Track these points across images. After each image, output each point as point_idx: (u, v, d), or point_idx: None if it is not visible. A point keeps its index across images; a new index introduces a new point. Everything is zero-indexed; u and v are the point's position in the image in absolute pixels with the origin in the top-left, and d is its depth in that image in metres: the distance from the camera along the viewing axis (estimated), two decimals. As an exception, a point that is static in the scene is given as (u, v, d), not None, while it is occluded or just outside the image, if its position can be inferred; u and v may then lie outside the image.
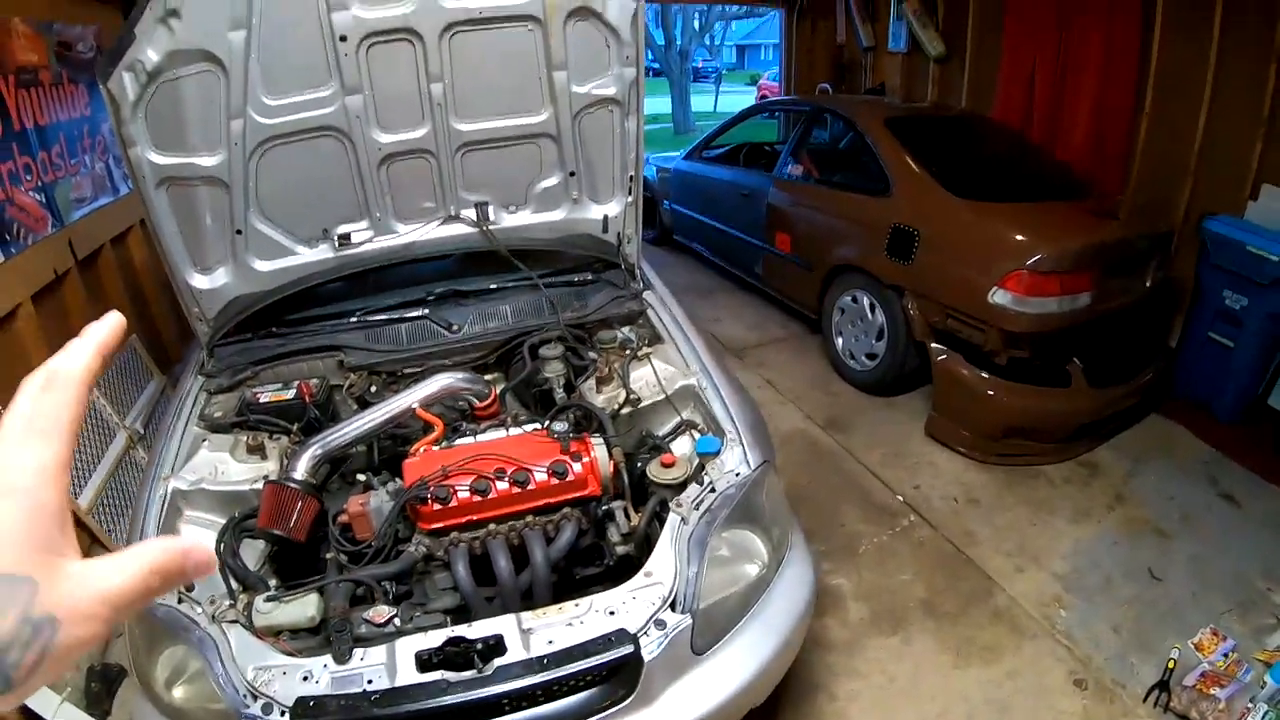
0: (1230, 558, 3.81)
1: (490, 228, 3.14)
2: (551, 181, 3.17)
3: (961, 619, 3.32)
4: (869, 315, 5.03)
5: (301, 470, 2.23)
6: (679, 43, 21.67)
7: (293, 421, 2.53)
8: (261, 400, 2.59)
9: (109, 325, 0.54)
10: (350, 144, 2.77)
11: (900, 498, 4.09)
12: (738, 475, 2.32)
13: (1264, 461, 4.60)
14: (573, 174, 3.16)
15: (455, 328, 2.94)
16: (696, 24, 22.90)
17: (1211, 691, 2.94)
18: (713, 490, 2.26)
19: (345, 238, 2.97)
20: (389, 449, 2.58)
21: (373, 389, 2.76)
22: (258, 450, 2.45)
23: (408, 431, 2.54)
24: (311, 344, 2.86)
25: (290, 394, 2.60)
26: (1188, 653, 3.19)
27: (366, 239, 3.00)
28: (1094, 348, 4.51)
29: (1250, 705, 2.90)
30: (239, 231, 2.79)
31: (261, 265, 2.88)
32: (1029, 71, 6.70)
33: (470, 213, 3.11)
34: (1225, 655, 3.19)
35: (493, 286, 3.19)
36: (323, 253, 2.96)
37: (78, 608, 0.43)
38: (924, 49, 7.80)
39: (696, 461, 2.41)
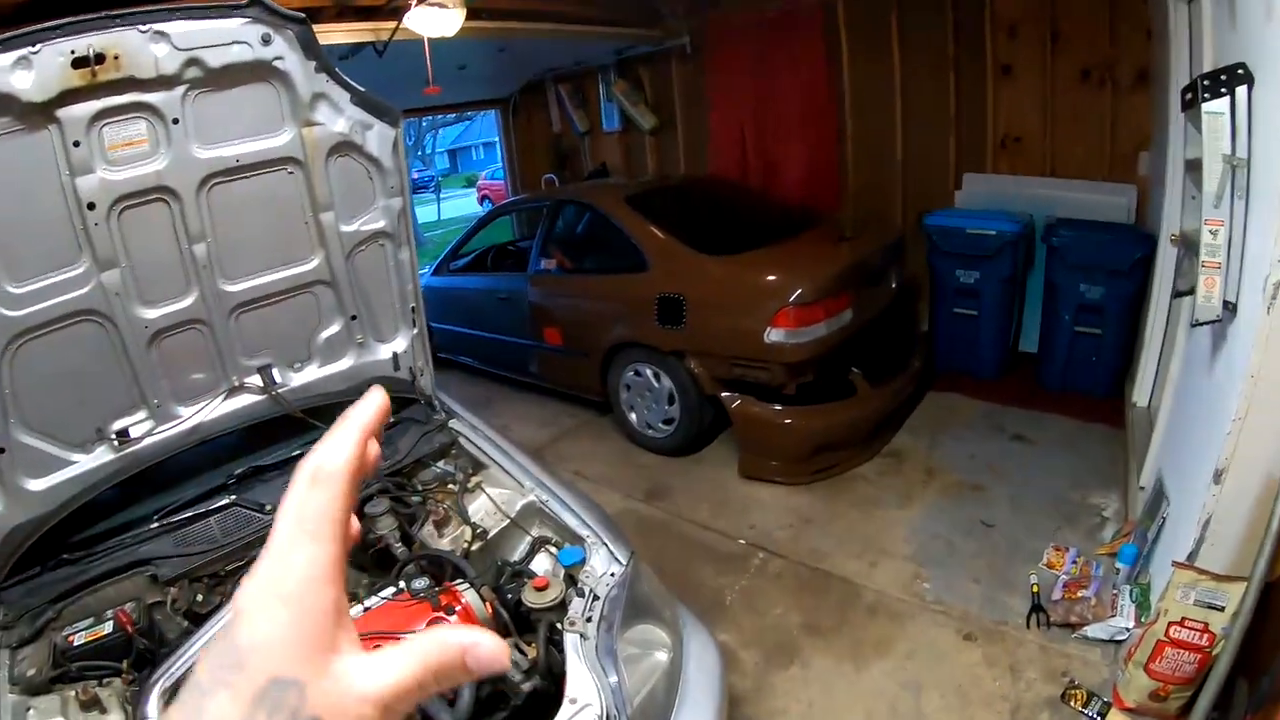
0: (1041, 485, 4.51)
1: (279, 391, 2.98)
2: (334, 329, 3.08)
3: (844, 627, 3.59)
4: (655, 384, 5.30)
5: (155, 713, 1.99)
6: None
7: (120, 659, 2.23)
8: (76, 644, 2.24)
9: (372, 406, 0.54)
10: (113, 326, 2.54)
11: (742, 541, 4.33)
12: (613, 575, 2.37)
13: (1031, 398, 5.60)
14: (354, 318, 3.10)
15: (268, 507, 2.67)
16: (410, 138, 23.20)
17: (1079, 595, 3.44)
18: (597, 598, 2.28)
19: (123, 434, 2.67)
20: None
21: (198, 598, 2.50)
22: (94, 704, 2.12)
23: None
24: (114, 564, 2.51)
25: (107, 627, 2.28)
26: (1043, 574, 3.69)
27: (147, 430, 2.71)
28: (866, 353, 5.07)
29: (1115, 591, 3.36)
30: (1, 450, 2.42)
31: (35, 484, 2.51)
32: (738, 126, 7.58)
33: (255, 379, 2.94)
34: (1075, 562, 3.75)
35: (296, 453, 2.94)
36: (101, 455, 2.64)
37: (344, 707, 0.43)
38: (637, 125, 8.53)
39: (564, 575, 2.43)
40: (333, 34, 5.04)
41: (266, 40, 2.51)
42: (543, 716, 2.05)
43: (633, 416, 5.58)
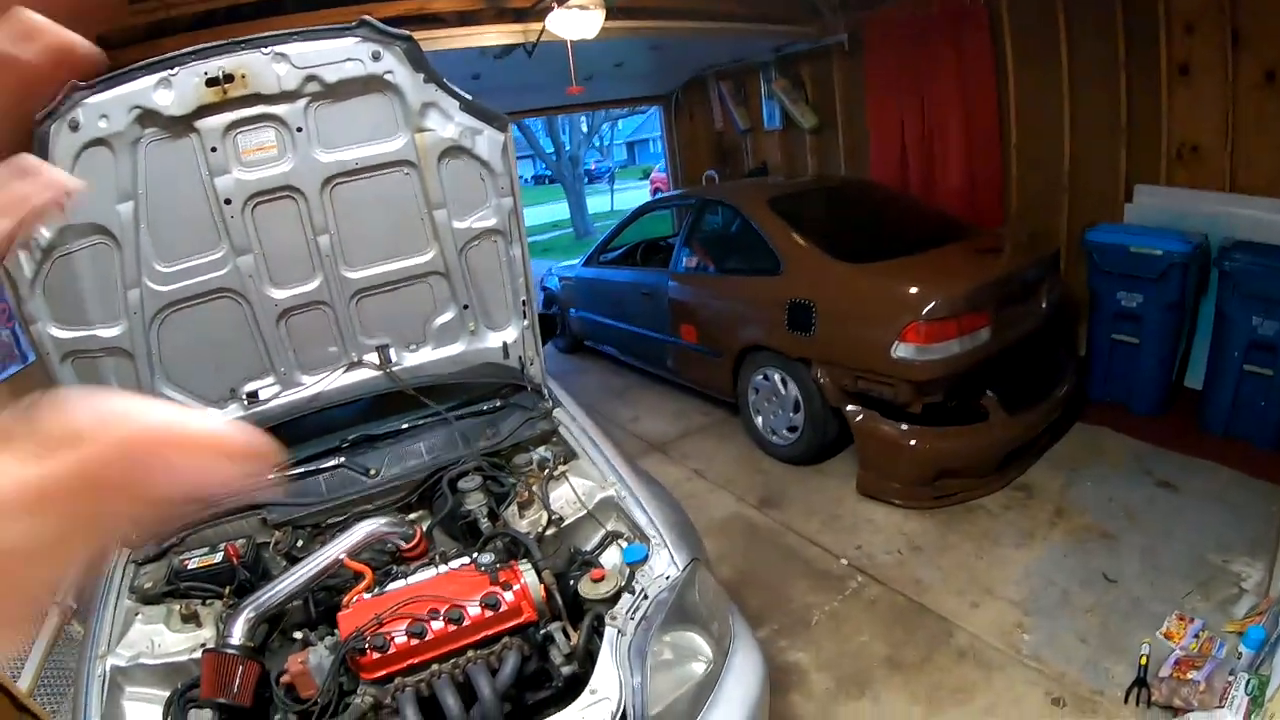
0: (1180, 541, 4.09)
1: (394, 369, 3.30)
2: (447, 317, 3.35)
3: (926, 666, 3.43)
4: (782, 390, 5.24)
5: (238, 635, 2.25)
6: (569, 149, 22.25)
7: (224, 585, 2.54)
8: (190, 567, 2.60)
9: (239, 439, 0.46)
10: (246, 303, 2.95)
11: (844, 561, 4.23)
12: (667, 578, 2.40)
13: (1190, 442, 5.05)
14: (466, 307, 3.34)
15: (373, 472, 3.00)
16: (584, 128, 23.51)
17: (1189, 676, 3.04)
18: (645, 597, 2.32)
19: (253, 395, 3.11)
20: (324, 601, 2.57)
21: (299, 543, 2.80)
22: (192, 619, 2.49)
23: (340, 582, 2.55)
24: (234, 505, 2.84)
25: (218, 557, 2.61)
26: (1159, 644, 3.33)
27: (274, 394, 3.14)
28: (1006, 376, 4.80)
29: (1231, 678, 2.94)
30: None
31: None
32: (898, 129, 7.34)
33: (372, 357, 3.28)
34: (1196, 636, 3.35)
35: (404, 426, 3.26)
36: (233, 412, 3.08)
37: None
38: (798, 123, 8.46)
39: (627, 572, 2.46)
40: (485, 35, 5.33)
41: (376, 57, 2.82)
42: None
43: (759, 420, 5.56)
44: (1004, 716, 3.16)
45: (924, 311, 4.35)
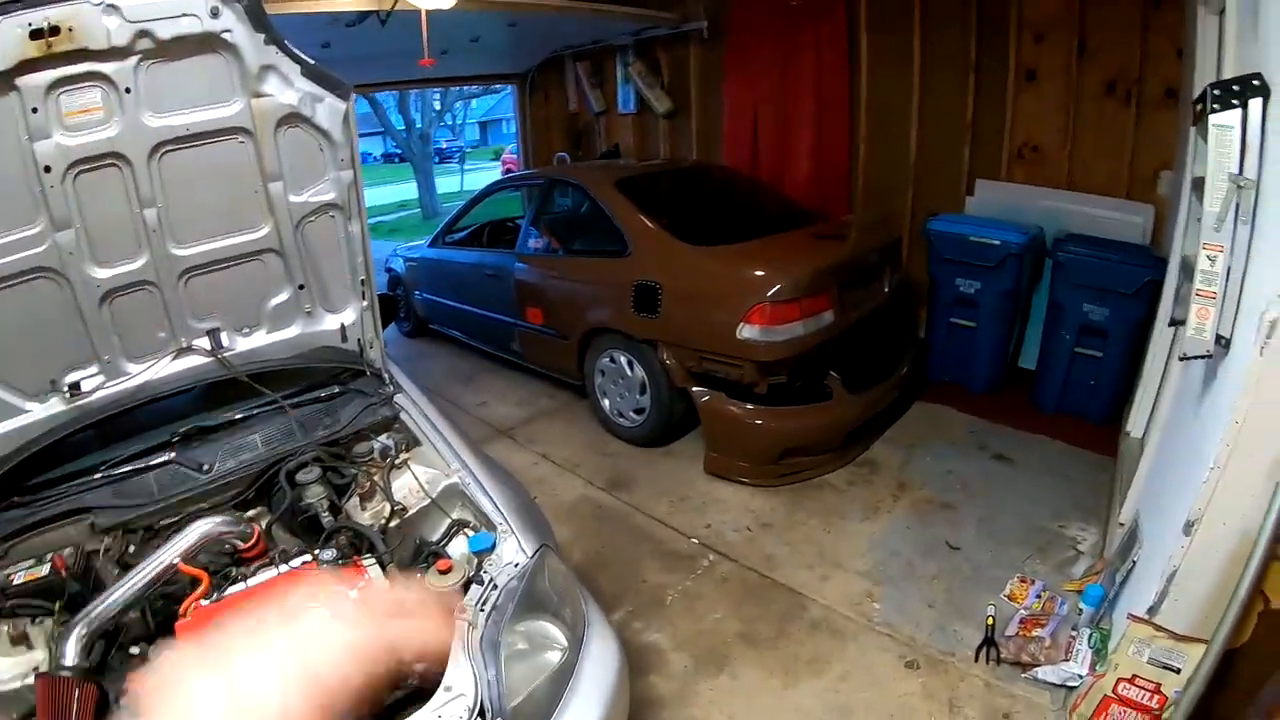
0: (1017, 509, 4.39)
1: (226, 355, 3.11)
2: (282, 297, 3.19)
3: (781, 640, 3.49)
4: (629, 372, 5.27)
5: (72, 655, 2.07)
6: (420, 126, 21.78)
7: (54, 600, 2.33)
8: (15, 582, 2.36)
9: None
10: (67, 283, 2.69)
11: (695, 540, 4.27)
12: (516, 566, 2.38)
13: (1022, 418, 5.46)
14: (302, 287, 3.20)
15: (206, 467, 2.80)
16: (437, 105, 23.06)
17: (1034, 633, 3.29)
18: (495, 587, 2.30)
19: (75, 387, 2.85)
20: (162, 610, 2.38)
21: (130, 548, 2.59)
22: (22, 640, 2.26)
23: (178, 589, 2.39)
24: (57, 510, 2.62)
25: (45, 569, 2.37)
26: (1003, 606, 3.56)
27: (98, 385, 2.89)
28: (848, 357, 4.96)
29: (1074, 633, 3.19)
30: None
31: None
32: (751, 116, 7.50)
33: (203, 342, 3.07)
34: (1038, 596, 3.62)
35: (238, 416, 3.08)
36: (53, 406, 2.81)
37: None
38: (653, 108, 8.51)
39: (474, 561, 2.44)
40: (337, 1, 5.14)
41: (215, 13, 2.61)
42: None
43: (606, 403, 5.55)
44: (859, 682, 3.25)
45: (769, 294, 4.43)
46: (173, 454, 2.87)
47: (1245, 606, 2.23)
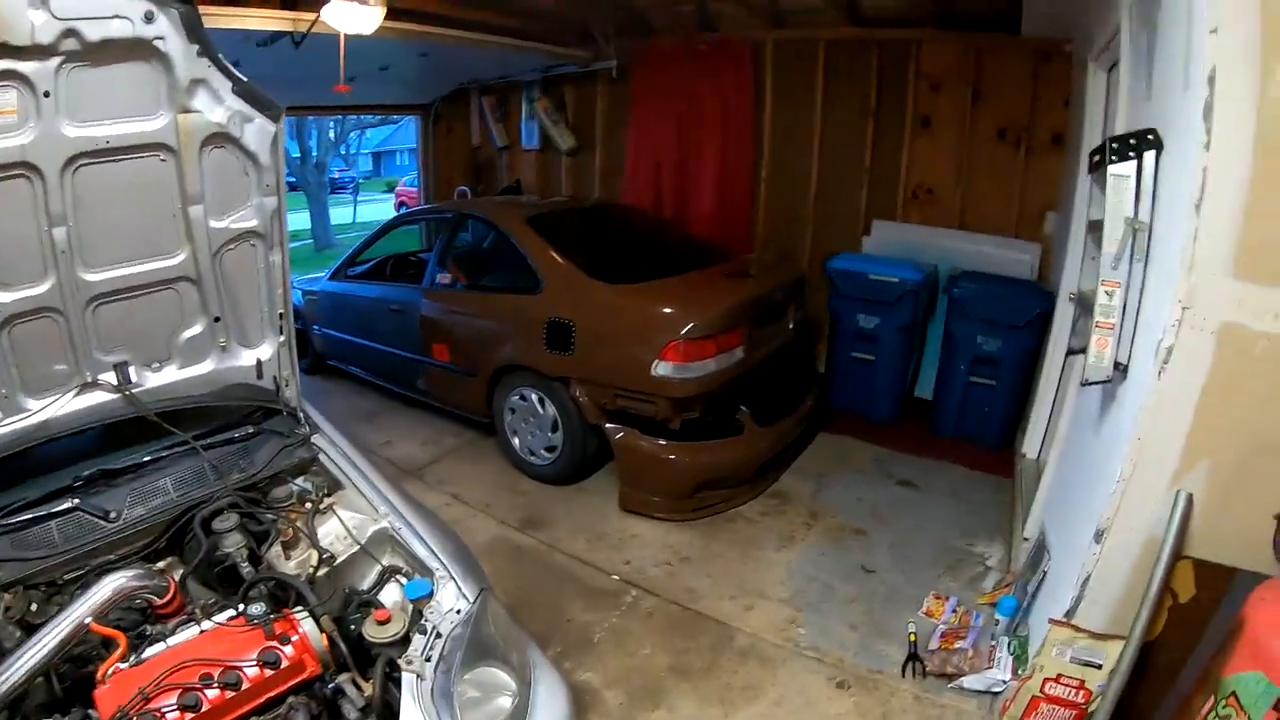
0: (926, 531, 4.62)
1: (134, 391, 2.87)
2: (196, 330, 2.98)
3: (713, 670, 3.54)
4: (540, 410, 5.23)
5: None
6: (315, 155, 21.18)
7: None
8: None
9: None
10: None
11: (616, 577, 4.27)
12: (458, 613, 2.32)
13: (922, 444, 5.77)
14: (218, 319, 3.00)
15: (113, 515, 2.55)
16: (332, 134, 22.42)
17: (956, 645, 3.49)
18: (439, 635, 2.23)
19: None
20: (69, 674, 2.15)
21: (33, 606, 2.34)
22: None
23: (86, 650, 2.17)
24: None
25: None
26: (922, 622, 3.74)
27: None
28: (756, 392, 5.08)
29: (994, 642, 3.41)
30: None
31: None
32: (654, 155, 7.68)
33: (109, 376, 2.82)
34: (954, 611, 3.81)
35: (147, 458, 2.82)
36: None
37: None
38: (556, 144, 8.60)
39: (410, 609, 2.37)
40: (250, 20, 4.98)
41: (149, 18, 2.40)
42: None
43: (516, 441, 5.50)
44: (794, 705, 3.34)
45: (683, 331, 4.51)
46: (76, 500, 2.59)
47: (1156, 603, 2.42)
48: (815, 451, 5.74)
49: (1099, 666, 2.58)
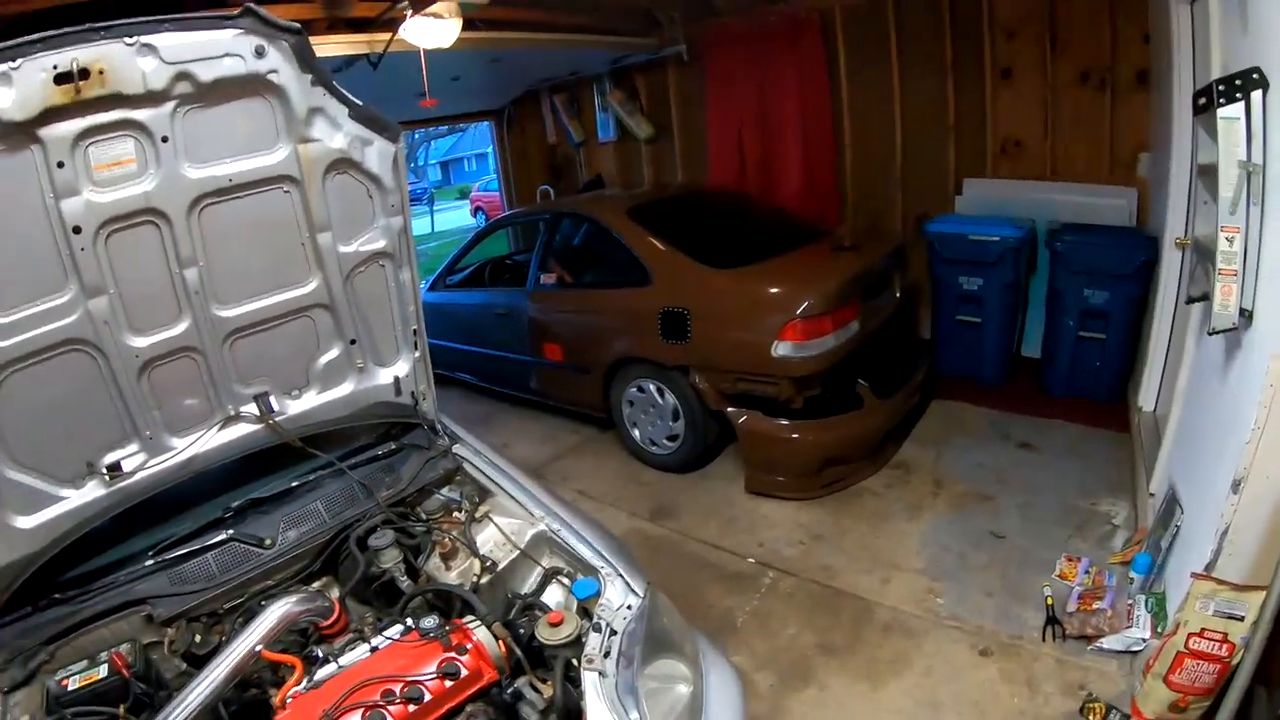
0: (1050, 492, 4.58)
1: (276, 419, 2.88)
2: (333, 354, 3.00)
3: (858, 646, 3.58)
4: (660, 400, 5.29)
5: None
6: None
7: (117, 704, 2.11)
8: (71, 688, 2.11)
9: None
10: (101, 355, 2.43)
11: (751, 560, 4.31)
12: (630, 608, 2.30)
13: (1035, 404, 5.72)
14: (354, 342, 3.01)
15: (268, 542, 2.62)
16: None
17: (1094, 606, 3.46)
18: (614, 633, 2.21)
19: (115, 468, 2.56)
20: (234, 701, 2.19)
21: (197, 638, 2.40)
22: None
23: (251, 675, 2.21)
24: (108, 603, 2.40)
25: (103, 670, 2.14)
26: (1057, 585, 3.72)
27: (140, 464, 2.62)
28: (872, 365, 5.08)
29: (1131, 601, 3.38)
30: None
31: (24, 522, 2.41)
32: (736, 135, 7.68)
33: (251, 408, 2.83)
34: (1087, 572, 3.79)
35: (294, 484, 2.90)
36: (92, 490, 2.54)
37: None
38: (634, 134, 8.63)
39: (578, 608, 2.36)
40: (325, 45, 5.02)
41: (260, 53, 2.42)
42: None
43: (636, 433, 5.57)
44: (942, 675, 3.36)
45: (799, 310, 4.53)
46: (229, 531, 2.66)
47: None
48: (930, 419, 5.73)
49: (1241, 619, 2.55)
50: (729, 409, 4.92)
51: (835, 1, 6.89)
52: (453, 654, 2.10)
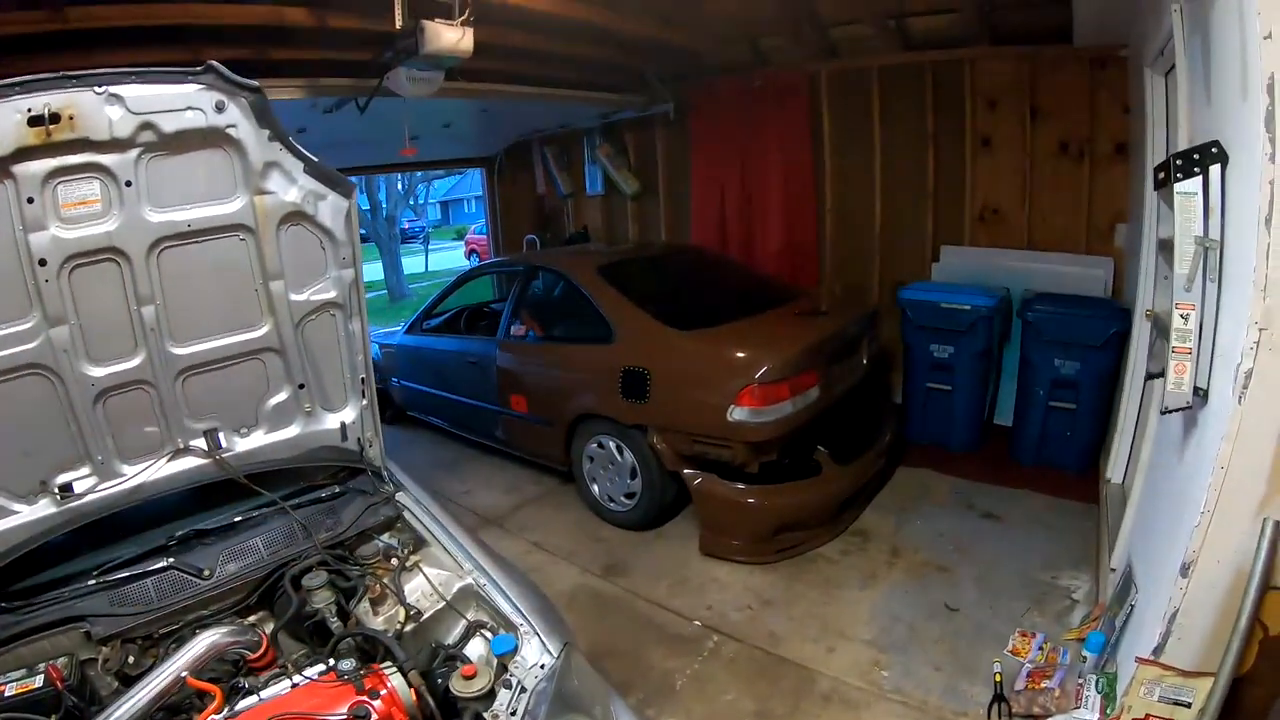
0: (1010, 565, 4.53)
1: (223, 455, 3.01)
2: (281, 397, 3.12)
3: (796, 716, 3.51)
4: (618, 458, 5.25)
5: None
6: (385, 208, 21.60)
7: (49, 714, 2.18)
8: (7, 694, 2.21)
9: None
10: (60, 381, 2.58)
11: (697, 622, 4.25)
12: (543, 667, 2.33)
13: (1005, 474, 5.67)
14: (302, 386, 3.13)
15: (206, 572, 2.68)
16: (400, 187, 22.86)
17: (1042, 684, 3.39)
18: (524, 690, 2.24)
19: (66, 488, 2.71)
20: None
21: (130, 659, 2.46)
22: None
23: (179, 700, 2.26)
24: (50, 617, 2.48)
25: (38, 680, 2.24)
26: (1008, 661, 3.66)
27: (90, 487, 2.77)
28: (834, 430, 5.06)
29: (1081, 680, 3.29)
30: None
31: None
32: (719, 195, 7.77)
33: (200, 442, 2.96)
34: (1040, 649, 3.73)
35: (237, 519, 2.98)
36: (44, 508, 2.68)
37: None
38: (620, 189, 8.74)
39: (496, 664, 2.38)
40: (318, 87, 5.20)
41: (220, 108, 2.58)
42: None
43: (595, 488, 5.54)
44: (877, 753, 3.28)
45: (757, 375, 4.51)
46: (171, 559, 2.75)
47: (1246, 637, 2.38)
48: (895, 485, 5.69)
49: (1188, 705, 2.52)
50: (685, 470, 4.89)
51: (822, 66, 7.00)
52: (364, 698, 2.12)
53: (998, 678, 3.48)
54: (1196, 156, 2.59)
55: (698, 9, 5.83)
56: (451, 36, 4.32)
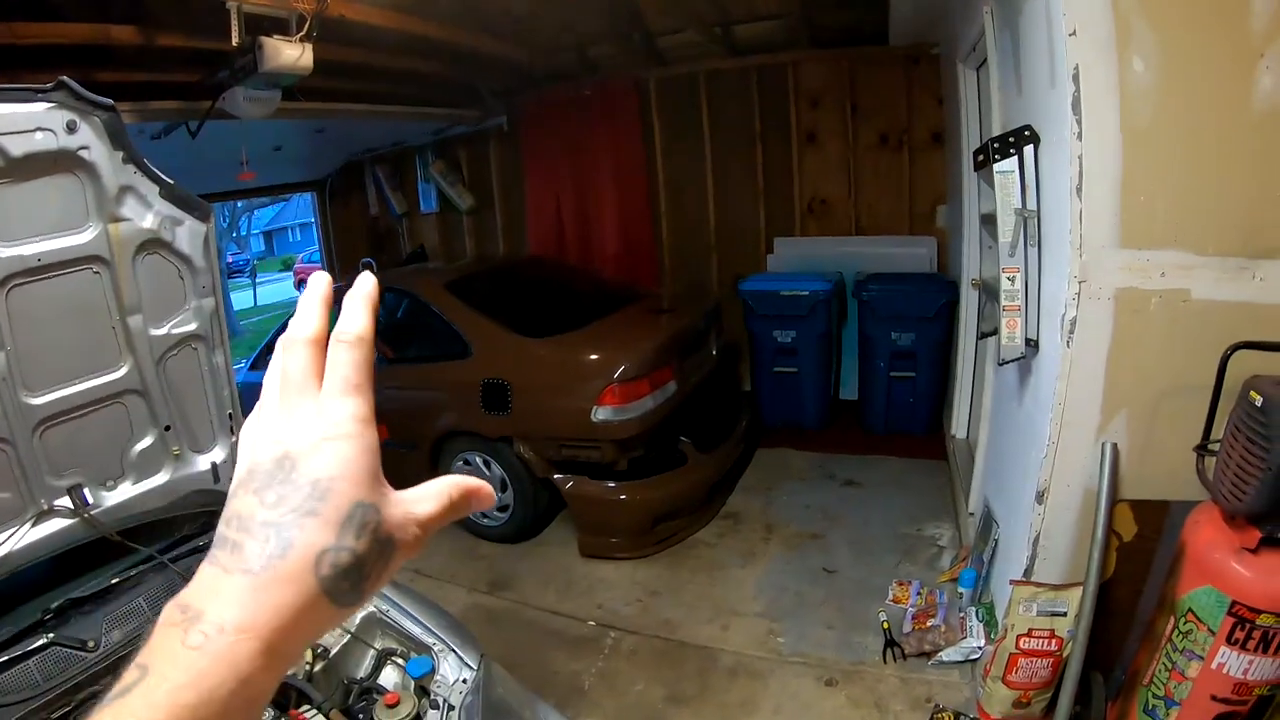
0: (877, 524, 4.84)
1: (92, 513, 2.65)
2: (147, 442, 2.81)
3: (707, 694, 3.64)
4: (487, 472, 5.19)
5: None
6: None
7: None
8: None
9: (368, 284, 0.60)
10: None
11: (592, 622, 4.30)
12: (465, 682, 2.31)
13: (857, 443, 6.06)
14: (168, 428, 2.85)
15: (91, 644, 2.42)
16: (224, 219, 22.11)
17: (928, 624, 3.69)
18: (452, 708, 2.22)
19: None
20: None
21: None
22: None
23: None
24: None
25: None
26: (891, 609, 3.93)
27: None
28: (693, 422, 5.22)
29: (962, 614, 3.60)
30: None
31: None
32: (554, 203, 7.83)
33: (65, 501, 2.60)
34: (919, 594, 4.01)
35: (115, 580, 2.64)
36: None
37: (405, 529, 0.53)
38: (455, 205, 8.67)
39: (414, 686, 2.36)
40: (147, 110, 4.93)
41: (72, 128, 2.31)
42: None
43: (467, 507, 5.48)
44: (791, 711, 3.46)
45: (616, 375, 4.61)
46: (50, 634, 2.43)
47: (1104, 547, 2.66)
48: (757, 467, 5.91)
49: (1064, 614, 2.77)
50: (556, 475, 4.92)
51: (651, 73, 7.18)
52: (287, 749, 2.00)
53: (885, 625, 3.76)
54: (1012, 139, 2.91)
55: (525, 20, 5.88)
56: (291, 53, 4.17)
